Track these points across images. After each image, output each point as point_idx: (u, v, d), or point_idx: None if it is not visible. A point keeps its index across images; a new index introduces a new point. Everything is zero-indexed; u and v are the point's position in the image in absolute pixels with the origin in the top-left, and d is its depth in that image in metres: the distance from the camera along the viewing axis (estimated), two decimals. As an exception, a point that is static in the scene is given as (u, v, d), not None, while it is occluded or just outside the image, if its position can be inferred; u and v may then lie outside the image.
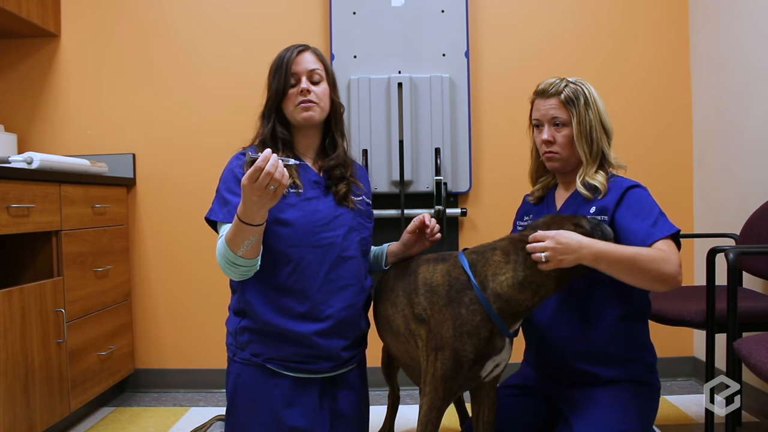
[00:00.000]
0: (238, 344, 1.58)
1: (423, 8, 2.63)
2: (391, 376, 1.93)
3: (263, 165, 1.26)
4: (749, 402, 2.26)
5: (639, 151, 2.69)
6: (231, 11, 2.73)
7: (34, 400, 1.92)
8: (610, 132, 1.57)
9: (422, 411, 1.46)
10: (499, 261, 1.41)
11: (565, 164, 1.58)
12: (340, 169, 1.61)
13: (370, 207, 1.70)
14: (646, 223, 1.42)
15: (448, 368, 1.40)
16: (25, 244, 2.11)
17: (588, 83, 1.58)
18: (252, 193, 1.28)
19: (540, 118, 1.59)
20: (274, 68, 1.59)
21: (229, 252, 1.38)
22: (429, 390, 1.44)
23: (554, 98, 1.55)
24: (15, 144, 2.60)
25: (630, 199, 1.47)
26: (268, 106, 1.60)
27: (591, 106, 1.53)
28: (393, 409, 1.98)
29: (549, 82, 1.58)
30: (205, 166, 2.69)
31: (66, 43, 2.73)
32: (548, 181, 1.70)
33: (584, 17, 2.72)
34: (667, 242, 1.40)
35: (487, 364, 1.43)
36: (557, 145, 1.56)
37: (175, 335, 2.75)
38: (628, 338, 1.54)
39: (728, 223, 2.41)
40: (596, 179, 1.52)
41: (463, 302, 1.40)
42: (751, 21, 2.29)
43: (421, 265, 1.56)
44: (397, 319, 1.55)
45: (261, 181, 1.26)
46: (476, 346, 1.39)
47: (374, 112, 2.60)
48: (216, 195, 1.55)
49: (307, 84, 1.55)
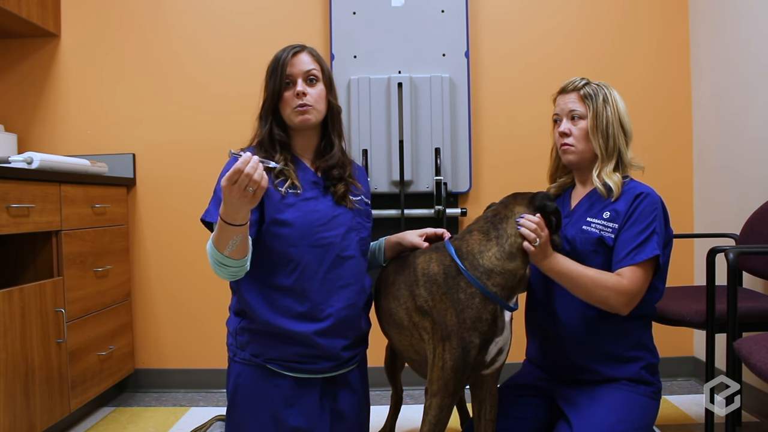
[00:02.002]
0: (239, 344, 1.58)
1: (423, 8, 2.63)
2: (395, 375, 1.93)
3: (243, 167, 1.26)
4: (749, 402, 2.26)
5: (639, 152, 2.64)
6: (231, 11, 2.73)
7: (34, 400, 1.92)
8: (628, 132, 1.60)
9: (432, 411, 1.44)
10: (480, 239, 1.46)
11: (580, 158, 1.60)
12: (338, 169, 1.61)
13: (368, 207, 1.70)
14: (632, 244, 1.47)
15: (457, 358, 1.40)
16: (25, 244, 2.11)
17: (612, 88, 1.61)
18: (231, 194, 1.28)
19: (559, 112, 1.63)
20: (270, 69, 1.58)
21: (216, 252, 1.38)
22: (438, 387, 1.43)
23: (574, 93, 1.60)
24: (15, 144, 2.60)
25: (636, 210, 1.50)
26: (264, 107, 1.59)
27: (610, 103, 1.57)
28: (395, 410, 1.98)
29: (571, 80, 1.62)
30: (205, 166, 2.69)
31: (66, 43, 2.73)
32: (565, 182, 1.72)
33: (584, 17, 2.72)
34: (636, 269, 1.45)
35: (490, 348, 1.44)
36: (573, 137, 1.58)
37: (175, 335, 2.75)
38: (632, 338, 1.55)
39: (728, 223, 2.41)
40: (612, 179, 1.54)
41: (460, 287, 1.42)
42: (750, 21, 2.29)
43: (419, 257, 1.58)
44: (400, 312, 1.56)
45: (240, 182, 1.26)
46: (481, 330, 1.40)
47: (374, 112, 2.60)
48: (212, 196, 1.55)
49: (303, 86, 1.54)
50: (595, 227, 1.54)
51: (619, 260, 1.47)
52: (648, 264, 1.46)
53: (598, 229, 1.53)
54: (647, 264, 1.46)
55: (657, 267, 1.50)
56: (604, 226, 1.53)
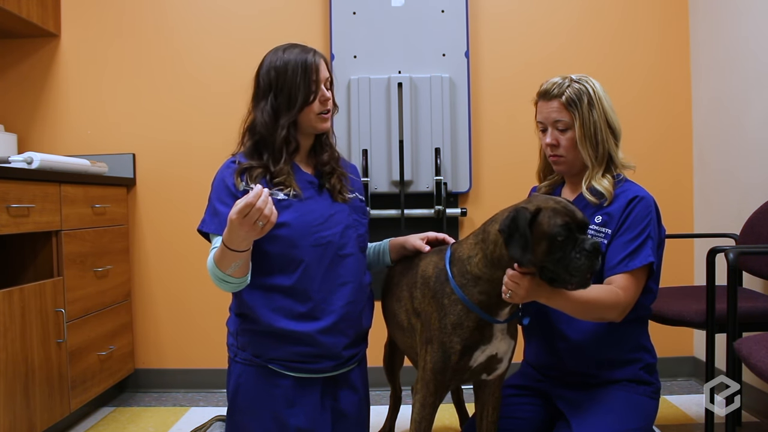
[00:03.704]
0: (240, 345, 1.58)
1: (423, 8, 2.63)
2: (394, 375, 1.94)
3: (254, 201, 1.25)
4: (749, 402, 2.26)
5: (639, 152, 2.68)
6: (231, 11, 2.73)
7: (34, 400, 1.92)
8: (617, 131, 1.54)
9: (415, 408, 1.46)
10: (471, 245, 1.43)
11: (570, 167, 1.56)
12: (331, 163, 1.61)
13: (363, 203, 1.70)
14: (626, 250, 1.42)
15: (437, 361, 1.41)
16: (25, 244, 2.11)
17: (593, 80, 1.53)
18: (240, 228, 1.29)
19: (543, 121, 1.56)
20: (297, 72, 1.50)
21: (218, 271, 1.40)
22: (420, 386, 1.45)
23: (556, 101, 1.51)
24: (15, 144, 2.60)
25: (630, 215, 1.46)
26: (289, 111, 1.51)
27: (595, 105, 1.49)
28: (394, 410, 1.98)
29: (551, 83, 1.54)
30: (205, 166, 2.67)
31: (66, 43, 2.73)
32: (556, 180, 1.68)
33: (584, 17, 2.72)
34: (629, 277, 1.41)
35: (474, 354, 1.41)
36: (562, 148, 1.53)
37: (175, 335, 2.74)
38: (629, 341, 1.54)
39: (728, 223, 2.41)
40: (602, 184, 1.50)
41: (446, 293, 1.42)
42: (751, 22, 2.29)
43: (423, 259, 1.58)
44: (401, 314, 1.57)
45: (251, 216, 1.26)
46: (462, 336, 1.39)
47: (374, 112, 2.60)
48: (208, 205, 1.54)
49: (328, 93, 1.55)
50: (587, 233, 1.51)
51: (613, 266, 1.43)
52: (642, 270, 1.43)
53: (590, 235, 1.48)
54: (641, 270, 1.43)
55: (651, 272, 1.46)
56: (597, 232, 1.49)
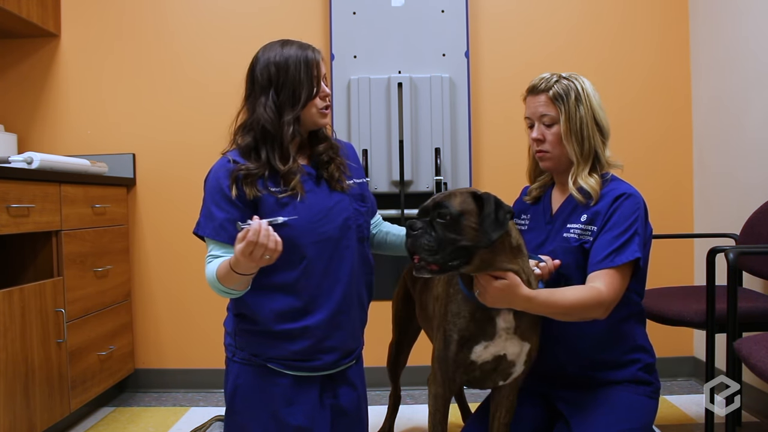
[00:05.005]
0: (238, 344, 1.57)
1: (423, 8, 2.63)
2: (397, 375, 1.94)
3: (255, 239, 1.25)
4: (749, 402, 2.26)
5: (639, 152, 2.69)
6: (231, 11, 2.73)
7: (34, 400, 1.92)
8: (604, 129, 1.52)
9: (429, 401, 1.51)
10: None
11: (557, 163, 1.54)
12: (328, 152, 1.59)
13: (363, 187, 1.66)
14: (612, 246, 1.40)
15: (440, 349, 1.43)
16: (25, 244, 2.11)
17: (582, 77, 1.52)
18: (248, 265, 1.30)
19: (530, 116, 1.55)
20: (299, 67, 1.50)
21: (221, 285, 1.41)
22: (431, 378, 1.49)
23: (543, 95, 1.50)
24: (15, 144, 2.60)
25: (616, 211, 1.44)
26: (293, 107, 1.50)
27: (582, 101, 1.48)
28: (394, 409, 1.98)
29: (540, 78, 1.53)
30: (205, 166, 2.62)
31: (66, 43, 2.73)
32: (546, 180, 1.66)
33: (584, 17, 2.72)
34: (614, 273, 1.38)
35: (475, 348, 1.39)
36: (547, 143, 1.52)
37: (175, 335, 2.74)
38: (627, 342, 1.53)
39: (728, 223, 2.41)
40: (588, 183, 1.48)
41: (453, 282, 1.44)
42: (751, 22, 2.29)
43: None
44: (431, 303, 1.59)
45: (255, 253, 1.26)
46: (459, 326, 1.39)
47: (374, 112, 2.60)
48: (202, 207, 1.53)
49: (327, 89, 1.55)
50: (573, 232, 1.49)
51: (597, 262, 1.41)
52: (627, 267, 1.41)
53: (577, 234, 1.48)
54: (626, 266, 1.41)
55: (637, 268, 1.44)
56: (582, 231, 1.48)
